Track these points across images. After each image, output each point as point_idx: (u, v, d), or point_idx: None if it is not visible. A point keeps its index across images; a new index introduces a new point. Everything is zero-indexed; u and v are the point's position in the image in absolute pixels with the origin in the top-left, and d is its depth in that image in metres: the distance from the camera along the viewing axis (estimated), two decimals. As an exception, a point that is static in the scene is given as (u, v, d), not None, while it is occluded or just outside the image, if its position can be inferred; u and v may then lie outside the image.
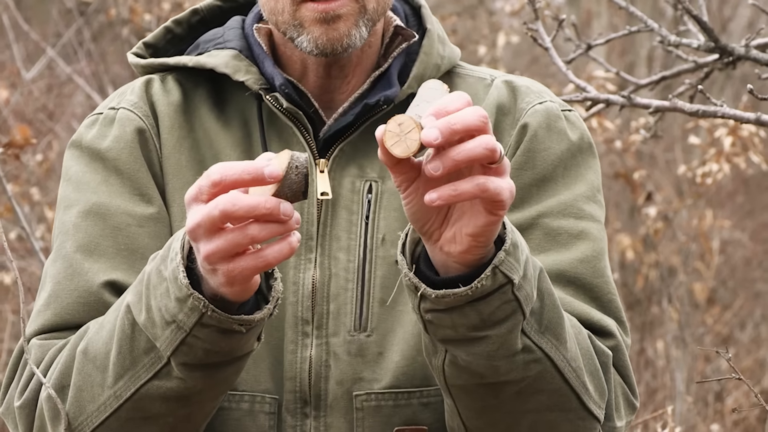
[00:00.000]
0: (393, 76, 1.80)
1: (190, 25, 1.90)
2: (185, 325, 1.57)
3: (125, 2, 6.42)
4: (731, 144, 4.55)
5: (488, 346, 1.59)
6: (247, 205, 1.48)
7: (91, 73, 7.15)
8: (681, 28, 2.75)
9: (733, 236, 7.90)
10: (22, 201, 6.13)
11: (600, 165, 1.83)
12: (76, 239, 1.76)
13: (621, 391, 1.77)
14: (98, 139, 1.81)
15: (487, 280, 1.54)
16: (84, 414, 1.67)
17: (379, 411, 1.75)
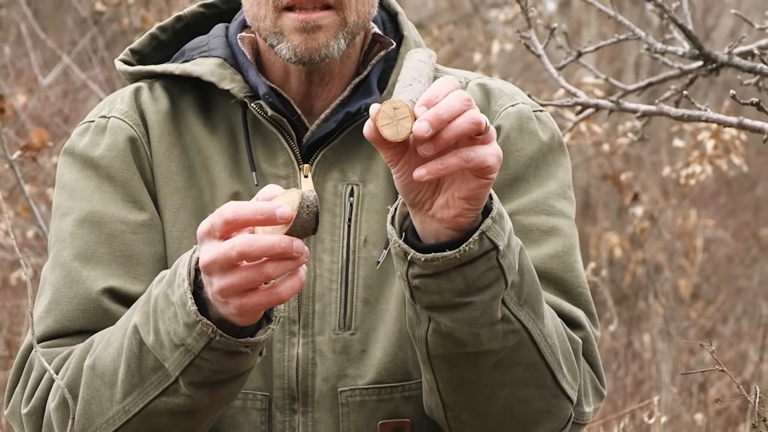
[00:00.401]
0: (372, 84, 1.79)
1: (175, 32, 1.88)
2: (194, 349, 1.57)
3: (137, 12, 6.42)
4: (714, 147, 4.55)
5: (471, 312, 1.59)
6: (263, 246, 1.47)
7: (105, 79, 7.14)
8: (667, 36, 2.75)
9: (715, 235, 7.91)
10: (38, 201, 6.12)
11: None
12: (73, 247, 1.75)
13: (589, 378, 1.77)
14: (91, 147, 1.80)
15: (475, 245, 1.54)
16: (93, 426, 1.66)
17: (363, 406, 1.74)
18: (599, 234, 7.08)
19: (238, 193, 1.77)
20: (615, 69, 8.77)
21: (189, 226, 1.77)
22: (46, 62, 7.98)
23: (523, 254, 1.63)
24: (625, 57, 8.83)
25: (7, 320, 5.76)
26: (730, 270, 7.83)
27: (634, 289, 6.85)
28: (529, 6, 2.66)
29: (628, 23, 2.67)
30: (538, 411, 1.69)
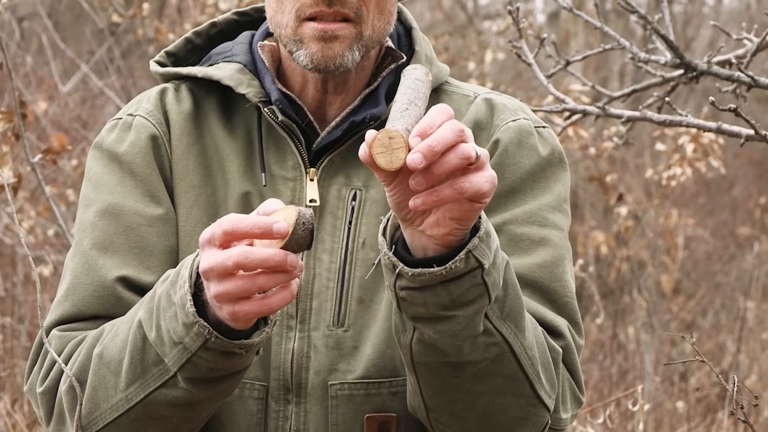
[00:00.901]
0: (381, 95, 1.78)
1: (209, 37, 1.89)
2: (191, 347, 1.57)
3: (151, 23, 6.41)
4: (693, 150, 4.55)
5: (455, 326, 1.57)
6: (257, 258, 1.48)
7: (121, 87, 7.14)
8: (650, 46, 2.74)
9: (695, 233, 7.90)
10: (59, 201, 6.12)
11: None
12: (92, 237, 1.76)
13: (569, 386, 1.75)
14: (116, 143, 1.80)
15: (461, 263, 1.53)
16: (98, 411, 1.67)
17: (351, 399, 1.73)
18: (586, 232, 7.08)
19: (248, 193, 1.77)
20: (601, 77, 8.77)
21: (200, 222, 1.77)
22: (65, 71, 7.98)
23: (509, 269, 1.62)
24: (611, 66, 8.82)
25: (29, 313, 5.76)
26: (709, 266, 7.83)
27: (619, 284, 6.85)
28: (520, 18, 2.65)
29: (613, 34, 2.67)
30: (516, 418, 1.68)
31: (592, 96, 4.94)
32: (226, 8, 5.65)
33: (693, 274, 7.61)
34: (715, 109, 2.23)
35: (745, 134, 2.39)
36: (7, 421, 4.52)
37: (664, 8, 2.62)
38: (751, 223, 8.51)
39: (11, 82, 3.19)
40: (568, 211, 1.80)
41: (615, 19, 8.52)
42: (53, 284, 5.85)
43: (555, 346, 1.72)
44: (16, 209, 5.99)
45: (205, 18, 5.83)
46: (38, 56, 8.16)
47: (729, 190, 9.03)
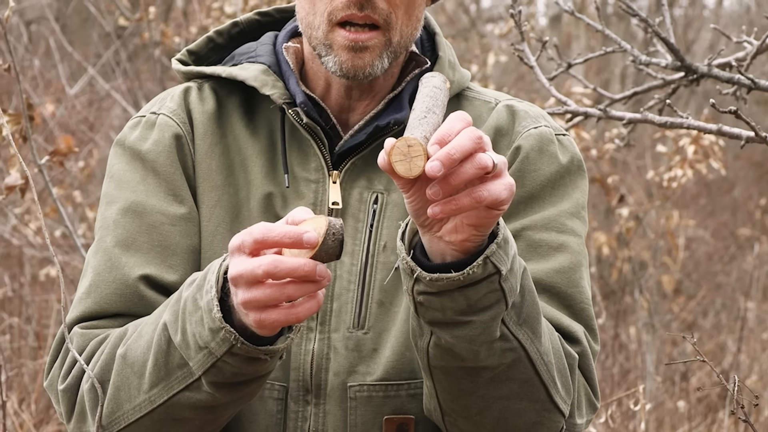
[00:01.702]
0: (404, 100, 1.78)
1: (231, 36, 1.88)
2: (216, 352, 1.56)
3: (157, 27, 6.42)
4: (694, 152, 4.54)
5: (471, 331, 1.57)
6: (287, 268, 1.47)
7: (127, 90, 7.15)
8: (651, 49, 2.74)
9: (696, 234, 7.90)
10: (65, 203, 6.12)
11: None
12: (115, 234, 1.75)
13: (584, 391, 1.74)
14: (140, 140, 1.79)
15: (478, 269, 1.52)
16: (121, 410, 1.67)
17: (370, 401, 1.73)
18: (588, 233, 7.07)
19: (271, 194, 1.76)
20: (602, 79, 8.76)
21: (223, 221, 1.76)
22: (72, 73, 7.98)
23: (526, 275, 1.61)
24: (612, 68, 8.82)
25: (37, 314, 5.76)
26: (710, 267, 7.83)
27: (620, 285, 6.84)
28: (522, 21, 2.65)
29: (614, 37, 2.67)
30: (531, 423, 1.67)
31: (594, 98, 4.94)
32: (231, 12, 5.65)
33: (694, 274, 7.60)
34: (716, 111, 2.23)
35: (746, 136, 2.39)
36: (15, 420, 4.52)
37: (664, 11, 2.62)
38: (751, 224, 8.50)
39: (19, 84, 3.19)
40: (585, 217, 1.80)
41: (616, 22, 8.52)
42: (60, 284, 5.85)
43: (571, 351, 1.71)
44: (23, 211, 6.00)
45: (211, 21, 5.83)
46: (46, 59, 8.17)
47: (729, 191, 9.03)
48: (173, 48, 6.28)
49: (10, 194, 3.19)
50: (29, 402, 4.92)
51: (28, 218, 5.96)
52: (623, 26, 8.51)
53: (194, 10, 6.35)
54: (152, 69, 7.21)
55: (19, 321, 5.58)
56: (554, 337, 1.68)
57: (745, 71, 2.52)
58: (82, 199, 6.35)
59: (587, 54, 2.86)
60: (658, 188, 6.73)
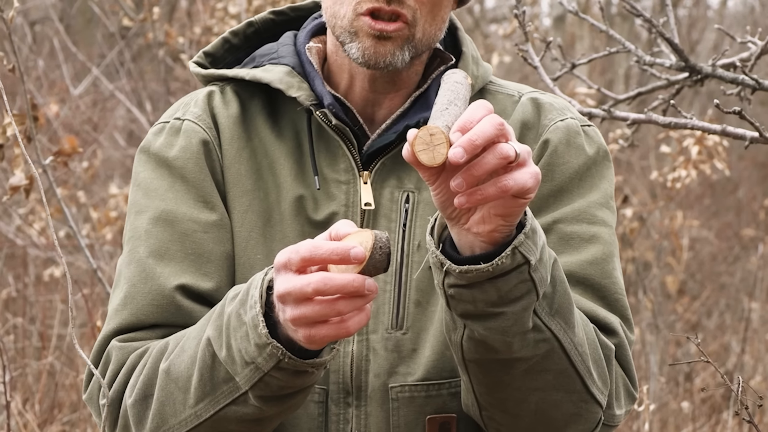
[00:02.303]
0: (431, 98, 1.77)
1: (246, 36, 1.87)
2: (263, 367, 1.56)
3: (161, 27, 6.42)
4: (698, 152, 4.54)
5: (504, 322, 1.56)
6: (337, 285, 1.47)
7: (131, 90, 7.15)
8: (655, 49, 2.74)
9: (700, 234, 7.89)
10: (69, 203, 6.13)
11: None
12: (148, 245, 1.73)
13: (622, 382, 1.74)
14: (166, 147, 1.78)
15: (507, 259, 1.52)
16: (166, 425, 1.66)
17: (412, 401, 1.72)
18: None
19: (302, 197, 1.75)
20: (606, 80, 8.76)
21: (255, 226, 1.75)
22: (76, 74, 7.99)
23: (557, 266, 1.61)
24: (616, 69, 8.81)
25: (41, 314, 5.77)
26: (714, 267, 7.82)
27: (624, 285, 6.83)
28: (526, 21, 2.65)
29: (618, 37, 2.66)
30: (568, 414, 1.67)
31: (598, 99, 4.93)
32: (235, 12, 5.65)
33: (698, 275, 7.60)
34: (720, 111, 2.22)
35: (750, 136, 2.39)
36: (19, 421, 4.52)
37: (668, 12, 2.62)
38: (755, 224, 8.49)
39: (23, 85, 3.19)
40: (614, 207, 1.80)
41: (620, 23, 8.51)
42: (63, 285, 5.85)
43: (608, 343, 1.71)
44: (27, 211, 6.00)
45: (215, 22, 5.83)
46: (50, 59, 8.17)
47: (734, 191, 9.02)
48: (177, 48, 6.28)
49: (14, 194, 3.19)
50: (33, 402, 4.92)
51: (32, 218, 5.96)
52: (627, 26, 8.51)
53: (198, 11, 6.35)
54: (156, 69, 7.21)
55: (23, 321, 5.59)
56: (589, 329, 1.68)
57: (750, 72, 2.52)
58: (86, 199, 6.35)
59: (591, 54, 2.86)
60: (662, 189, 6.72)
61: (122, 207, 5.90)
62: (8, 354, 5.13)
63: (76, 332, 1.79)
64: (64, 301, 5.81)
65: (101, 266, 5.57)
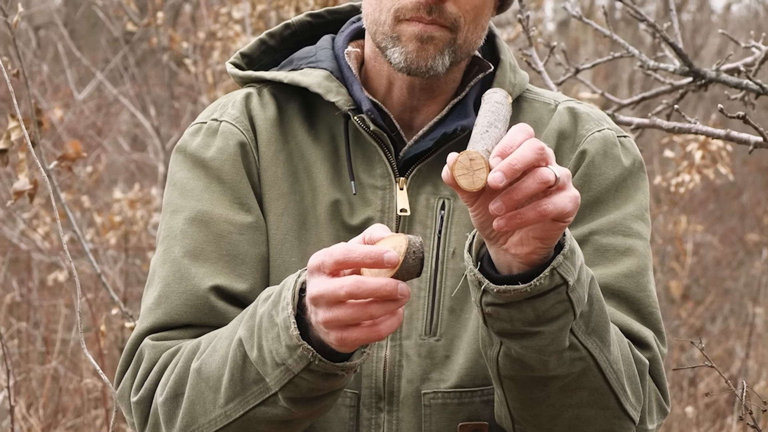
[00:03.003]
0: (469, 105, 1.77)
1: (283, 38, 1.86)
2: (294, 369, 1.56)
3: (165, 32, 6.43)
4: (702, 157, 4.53)
5: (540, 341, 1.57)
6: (370, 288, 1.47)
7: (135, 95, 7.16)
8: (659, 54, 2.74)
9: (704, 239, 7.88)
10: (74, 208, 6.13)
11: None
12: (183, 245, 1.73)
13: (655, 397, 1.74)
14: (202, 148, 1.78)
15: (545, 280, 1.52)
16: (196, 424, 1.66)
17: (444, 408, 1.72)
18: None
19: (337, 201, 1.75)
20: (610, 84, 8.76)
21: (291, 229, 1.75)
22: (81, 79, 8.00)
23: (593, 284, 1.60)
24: (620, 73, 8.81)
25: (45, 318, 5.77)
26: (718, 272, 7.81)
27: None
28: (530, 26, 2.65)
29: (622, 42, 2.67)
30: (602, 430, 1.67)
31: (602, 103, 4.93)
32: (239, 17, 5.66)
33: (702, 280, 7.59)
34: (724, 116, 2.23)
35: (754, 141, 2.39)
36: (23, 425, 4.53)
37: (672, 16, 2.62)
38: (759, 229, 8.49)
39: (27, 89, 3.20)
40: (649, 219, 1.80)
41: (624, 28, 8.51)
42: (67, 289, 5.86)
43: (642, 358, 1.70)
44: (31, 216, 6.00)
45: (219, 27, 5.84)
46: (54, 64, 8.19)
47: (738, 196, 9.01)
48: (181, 53, 6.29)
49: (18, 199, 3.20)
50: (37, 407, 4.92)
51: (37, 223, 5.96)
52: (631, 31, 8.51)
53: (202, 16, 6.36)
54: (160, 74, 7.22)
55: (27, 326, 5.59)
56: (624, 344, 1.68)
57: (754, 76, 2.52)
58: (90, 204, 6.36)
59: (595, 59, 2.86)
60: (666, 193, 6.72)
61: (126, 211, 5.90)
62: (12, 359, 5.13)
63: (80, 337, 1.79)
64: (68, 305, 5.81)
65: (105, 271, 5.58)
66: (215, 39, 5.90)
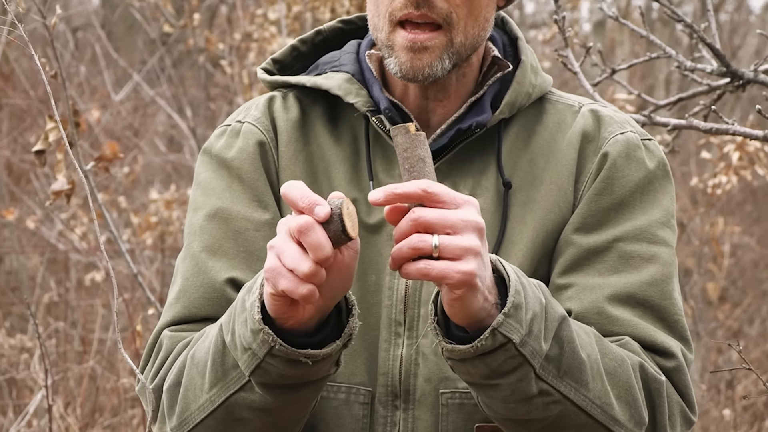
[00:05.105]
0: (486, 103, 1.77)
1: (314, 44, 1.89)
2: (258, 353, 1.57)
3: (201, 33, 6.46)
4: (739, 158, 4.51)
5: (502, 392, 1.58)
6: (295, 224, 1.52)
7: (172, 96, 7.19)
8: (696, 54, 2.73)
9: (742, 241, 7.83)
10: (110, 208, 6.17)
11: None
12: (202, 240, 1.77)
13: (678, 409, 1.72)
14: (225, 149, 1.81)
15: (487, 341, 1.53)
16: (189, 411, 1.68)
17: (462, 408, 1.72)
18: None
19: (355, 200, 1.76)
20: (647, 85, 8.72)
21: None
22: (118, 80, 8.05)
23: (564, 326, 1.60)
24: (657, 74, 8.77)
25: (82, 318, 5.81)
26: (756, 274, 7.75)
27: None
28: (565, 26, 2.65)
29: (659, 42, 2.65)
30: None
31: (638, 104, 4.91)
32: (274, 18, 5.68)
33: (739, 281, 7.54)
34: (762, 117, 2.21)
35: (792, 142, 2.37)
36: (61, 424, 4.56)
37: (710, 17, 2.60)
38: (798, 231, 8.42)
39: (65, 91, 3.22)
40: (675, 225, 1.78)
41: (661, 28, 8.47)
42: (104, 289, 5.90)
43: (655, 375, 1.69)
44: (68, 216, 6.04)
45: (254, 28, 5.86)
46: (91, 66, 8.24)
47: (776, 198, 8.94)
48: (217, 54, 6.32)
49: (56, 200, 3.22)
50: (75, 406, 4.96)
51: (74, 223, 6.01)
52: (668, 32, 8.46)
53: (238, 17, 6.38)
54: (196, 75, 7.25)
55: (64, 325, 5.63)
56: (622, 369, 1.66)
57: (792, 77, 2.50)
58: (127, 204, 6.40)
59: (631, 60, 2.85)
60: (703, 195, 6.68)
61: (162, 212, 5.93)
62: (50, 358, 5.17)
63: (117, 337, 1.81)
64: (105, 305, 5.85)
65: (141, 271, 5.61)
66: (251, 40, 5.92)
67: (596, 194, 1.76)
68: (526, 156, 1.78)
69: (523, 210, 1.75)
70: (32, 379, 4.93)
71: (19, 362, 5.19)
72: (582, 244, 1.73)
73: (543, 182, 1.76)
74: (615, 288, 1.71)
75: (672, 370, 1.71)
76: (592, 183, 1.76)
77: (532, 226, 1.75)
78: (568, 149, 1.78)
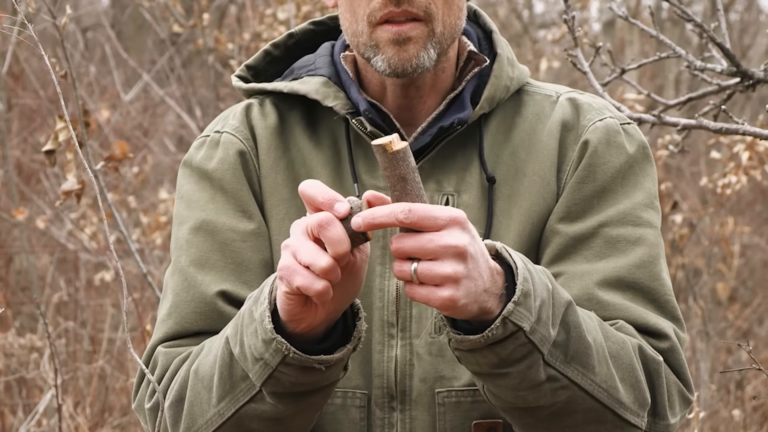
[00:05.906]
0: (466, 99, 1.78)
1: (287, 48, 1.89)
2: (271, 363, 1.57)
3: (211, 33, 6.46)
4: (749, 158, 4.50)
5: (511, 380, 1.58)
6: (313, 221, 1.51)
7: (181, 96, 7.20)
8: (706, 54, 2.72)
9: (752, 241, 7.81)
10: (120, 208, 6.18)
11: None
12: (189, 254, 1.76)
13: (676, 389, 1.73)
14: (206, 160, 1.81)
15: (498, 330, 1.53)
16: (195, 425, 1.68)
17: (459, 406, 1.73)
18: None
19: None
20: (656, 85, 8.70)
21: None
22: (127, 80, 8.06)
23: (570, 311, 1.60)
24: (666, 74, 8.75)
25: (92, 318, 5.82)
26: (766, 274, 7.74)
27: (674, 292, 6.78)
28: (575, 26, 2.64)
29: (669, 42, 2.65)
30: None
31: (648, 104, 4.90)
32: (284, 18, 5.68)
33: (749, 282, 7.52)
34: (772, 117, 2.21)
35: (802, 142, 2.36)
36: (70, 424, 4.57)
37: (720, 16, 2.60)
38: (808, 231, 8.39)
39: (75, 90, 3.23)
40: (658, 206, 1.79)
41: (671, 28, 8.45)
42: (114, 289, 5.90)
43: (654, 356, 1.69)
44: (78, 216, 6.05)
45: (264, 28, 5.86)
46: (101, 66, 8.25)
47: (786, 198, 8.92)
48: (227, 54, 6.32)
49: (66, 199, 3.23)
50: (84, 406, 4.97)
51: (84, 223, 6.01)
52: (678, 31, 8.45)
53: (248, 17, 6.39)
54: (206, 75, 7.25)
55: (74, 325, 5.64)
56: (624, 352, 1.66)
57: (802, 77, 2.49)
58: (137, 204, 6.40)
59: (641, 59, 2.84)
60: (713, 195, 6.67)
61: (171, 212, 5.94)
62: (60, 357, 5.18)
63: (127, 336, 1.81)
64: (115, 305, 5.85)
65: (151, 270, 5.62)
66: (260, 40, 5.92)
67: (579, 182, 1.76)
68: (507, 149, 1.78)
69: (508, 204, 1.76)
70: (42, 378, 4.94)
71: (28, 362, 5.20)
72: (568, 232, 1.74)
73: (526, 174, 1.77)
74: (604, 273, 1.71)
75: (666, 351, 1.71)
76: (574, 171, 1.77)
77: (518, 219, 1.75)
78: (549, 139, 1.78)
